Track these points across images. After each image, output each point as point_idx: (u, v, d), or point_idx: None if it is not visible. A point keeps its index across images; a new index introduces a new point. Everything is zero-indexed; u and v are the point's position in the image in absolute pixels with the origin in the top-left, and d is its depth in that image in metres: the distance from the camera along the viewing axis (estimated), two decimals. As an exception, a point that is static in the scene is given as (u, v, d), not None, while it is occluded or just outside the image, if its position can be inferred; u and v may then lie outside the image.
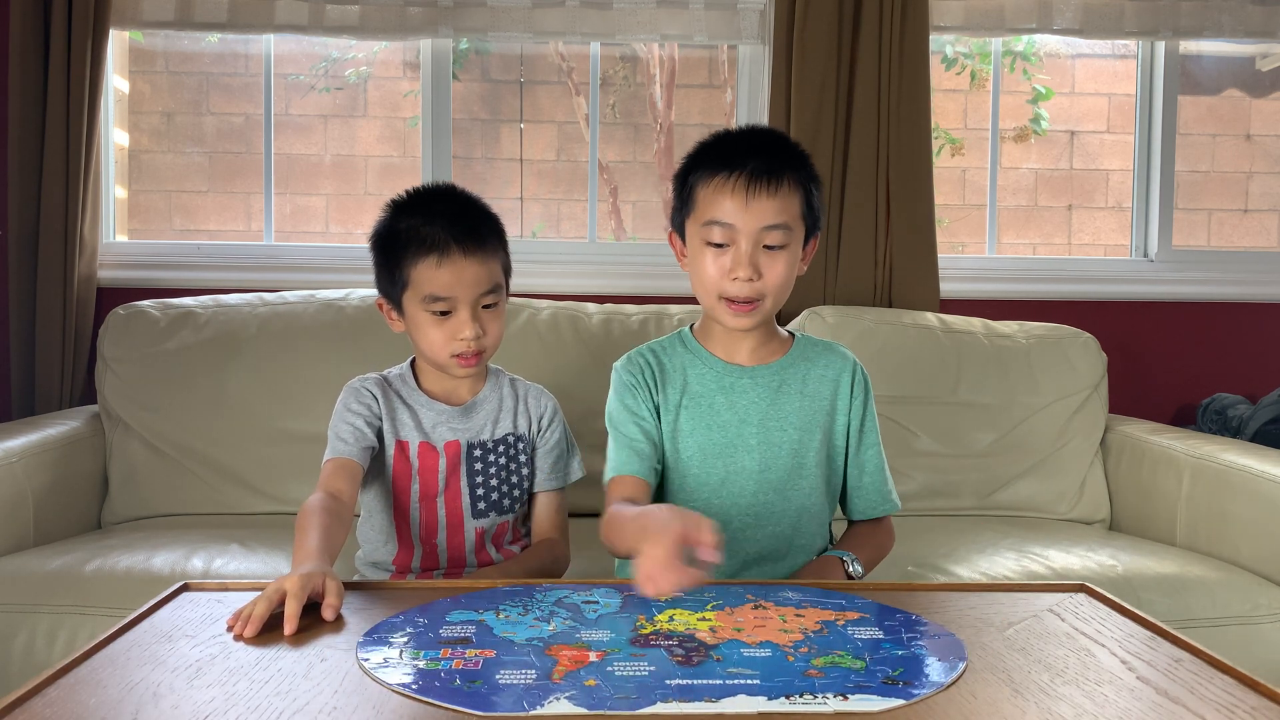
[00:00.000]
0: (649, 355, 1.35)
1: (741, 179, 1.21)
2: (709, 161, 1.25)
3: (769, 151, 1.24)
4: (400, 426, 1.35)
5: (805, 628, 0.92)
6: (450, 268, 1.27)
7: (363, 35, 2.40)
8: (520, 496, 1.40)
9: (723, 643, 0.88)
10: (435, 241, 1.27)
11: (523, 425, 1.41)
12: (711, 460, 1.29)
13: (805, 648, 0.87)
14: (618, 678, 0.80)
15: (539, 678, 0.80)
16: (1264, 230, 2.98)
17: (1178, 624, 1.48)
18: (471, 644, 0.88)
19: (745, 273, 1.21)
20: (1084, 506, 2.13)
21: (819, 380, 1.33)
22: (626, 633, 0.91)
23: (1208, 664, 0.87)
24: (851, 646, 0.88)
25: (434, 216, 1.29)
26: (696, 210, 1.26)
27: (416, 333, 1.32)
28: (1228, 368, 2.57)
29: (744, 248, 1.22)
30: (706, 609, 0.97)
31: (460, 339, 1.29)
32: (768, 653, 0.86)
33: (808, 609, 0.98)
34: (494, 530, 1.37)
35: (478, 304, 1.30)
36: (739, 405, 1.30)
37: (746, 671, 0.82)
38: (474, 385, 1.40)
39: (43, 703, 0.76)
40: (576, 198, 2.88)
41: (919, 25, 2.35)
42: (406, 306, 1.32)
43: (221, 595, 1.02)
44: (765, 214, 1.21)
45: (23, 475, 1.76)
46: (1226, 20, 2.48)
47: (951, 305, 2.44)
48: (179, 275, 2.40)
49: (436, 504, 1.34)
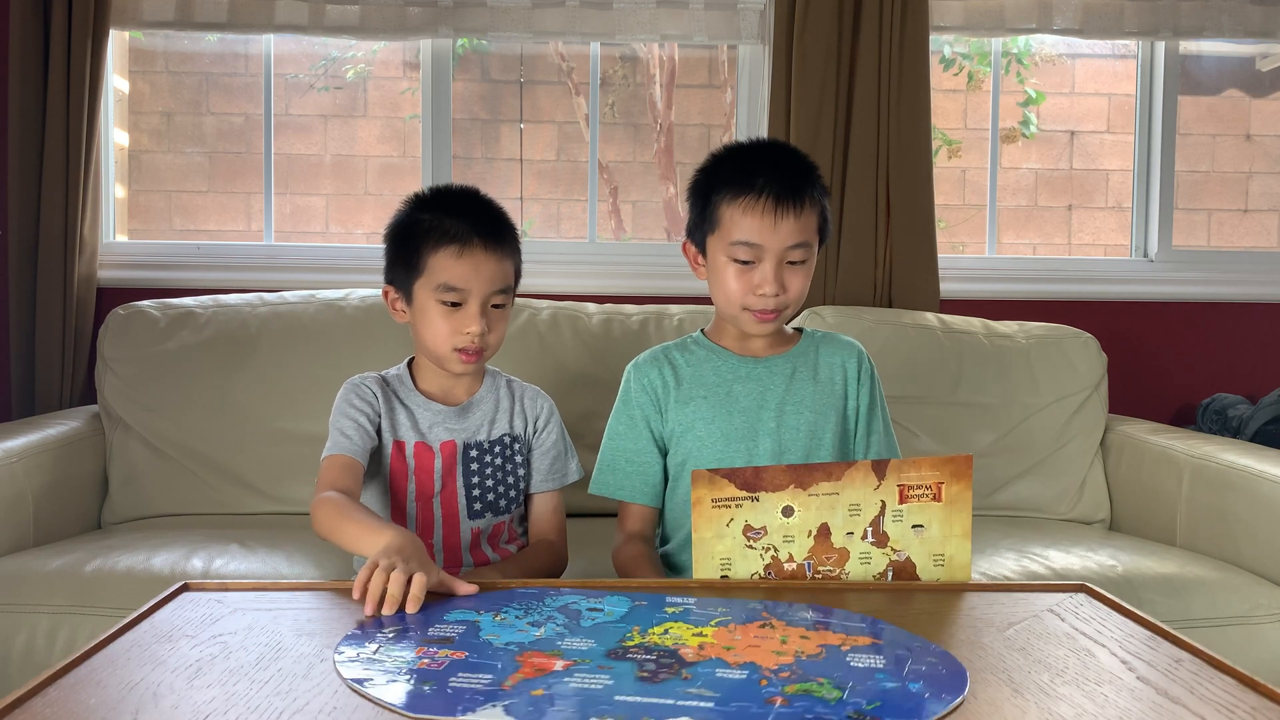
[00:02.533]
0: (662, 357, 1.41)
1: (769, 201, 1.28)
2: (730, 180, 1.31)
3: (789, 169, 1.30)
4: (398, 426, 1.35)
5: (802, 650, 0.87)
6: (470, 259, 1.29)
7: (363, 35, 2.40)
8: (516, 497, 1.40)
9: (702, 660, 0.84)
10: (457, 233, 1.30)
11: (519, 426, 1.41)
12: (734, 445, 1.35)
13: (787, 673, 0.82)
14: (569, 690, 0.78)
15: (490, 684, 0.79)
16: (1264, 230, 2.98)
17: (1178, 624, 1.48)
18: (451, 644, 0.88)
19: (772, 289, 1.29)
20: (1084, 506, 2.13)
21: (829, 367, 1.40)
22: (610, 643, 0.88)
23: (1208, 664, 0.87)
24: (839, 675, 0.82)
25: (456, 211, 1.32)
26: (721, 229, 1.32)
27: (422, 322, 1.33)
28: (1228, 368, 2.57)
29: (770, 266, 1.29)
30: (710, 624, 0.93)
31: (466, 333, 1.30)
32: (743, 675, 0.81)
33: (819, 630, 0.92)
34: (490, 530, 1.37)
35: (488, 301, 1.32)
36: (756, 392, 1.37)
37: (707, 693, 0.78)
38: (471, 385, 1.40)
39: (43, 703, 0.76)
40: (576, 198, 2.88)
41: (919, 25, 2.35)
42: (417, 294, 1.32)
43: (221, 595, 1.02)
44: (791, 234, 1.29)
45: (23, 475, 1.76)
46: (1226, 20, 2.48)
47: (951, 305, 2.44)
48: (179, 275, 2.40)
49: (433, 504, 1.34)
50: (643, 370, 1.41)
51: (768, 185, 1.28)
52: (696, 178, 1.37)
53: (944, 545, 1.11)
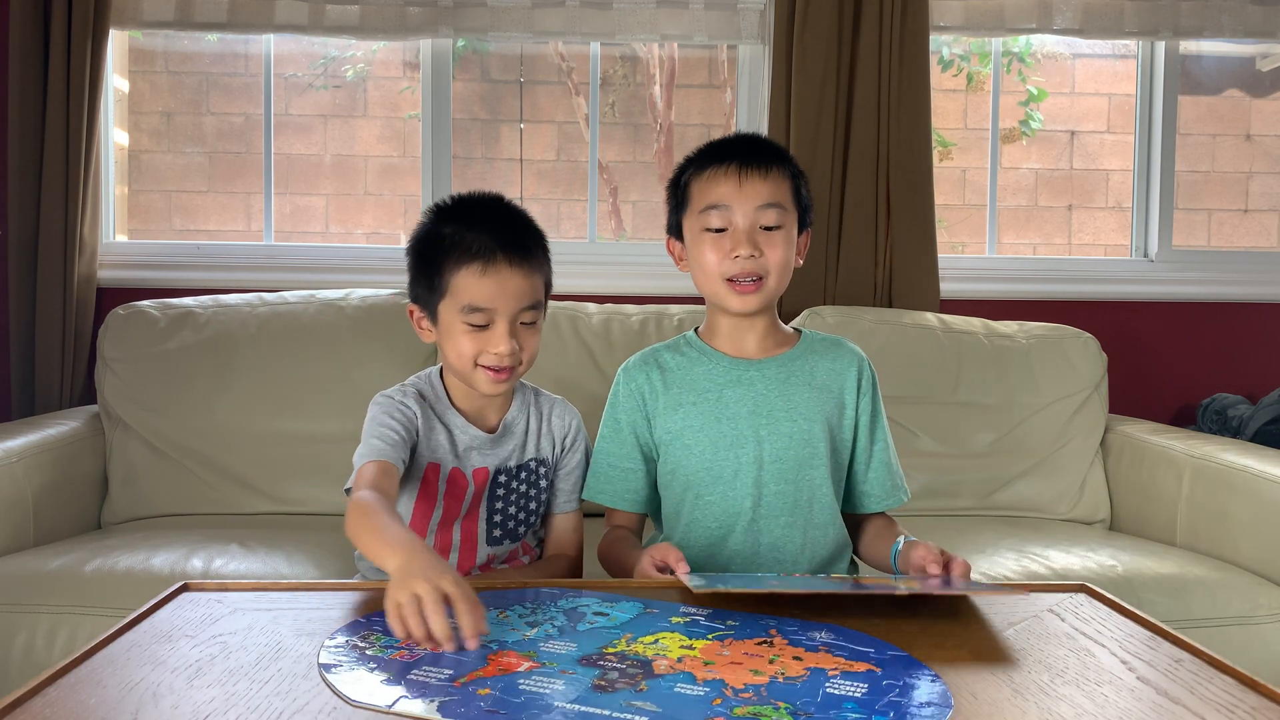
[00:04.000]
0: (651, 360, 1.38)
1: (733, 165, 1.29)
2: (698, 161, 1.34)
3: (755, 144, 1.33)
4: (435, 448, 1.29)
5: (784, 672, 0.83)
6: (494, 278, 1.22)
7: (362, 35, 2.40)
8: (535, 523, 1.38)
9: (669, 674, 0.82)
10: (480, 249, 1.22)
11: (545, 448, 1.36)
12: (724, 452, 1.31)
13: (750, 693, 0.79)
14: (514, 692, 0.78)
15: (445, 680, 0.80)
16: (1264, 230, 2.98)
17: (1178, 624, 1.48)
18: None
19: (746, 249, 1.27)
20: (1084, 507, 2.13)
21: (827, 374, 1.35)
22: (590, 649, 0.87)
23: (1208, 664, 0.87)
24: (803, 701, 0.78)
25: (479, 224, 1.24)
26: (692, 202, 1.32)
27: (447, 341, 1.27)
28: (1228, 368, 2.57)
29: (742, 225, 1.28)
30: (707, 637, 0.91)
31: (494, 353, 1.24)
32: (703, 692, 0.79)
33: (818, 653, 0.88)
34: (504, 556, 1.36)
35: (517, 318, 1.25)
36: (748, 397, 1.32)
37: (648, 708, 0.76)
38: (503, 404, 1.35)
39: (43, 703, 0.76)
40: (576, 198, 2.89)
41: (919, 25, 2.35)
42: (442, 315, 1.26)
43: (221, 595, 1.02)
44: (759, 193, 1.28)
45: (23, 475, 1.76)
46: (1226, 20, 2.48)
47: (951, 305, 2.44)
48: (179, 275, 2.40)
49: (453, 528, 1.31)
50: (631, 375, 1.37)
51: (733, 153, 1.30)
52: (670, 179, 1.38)
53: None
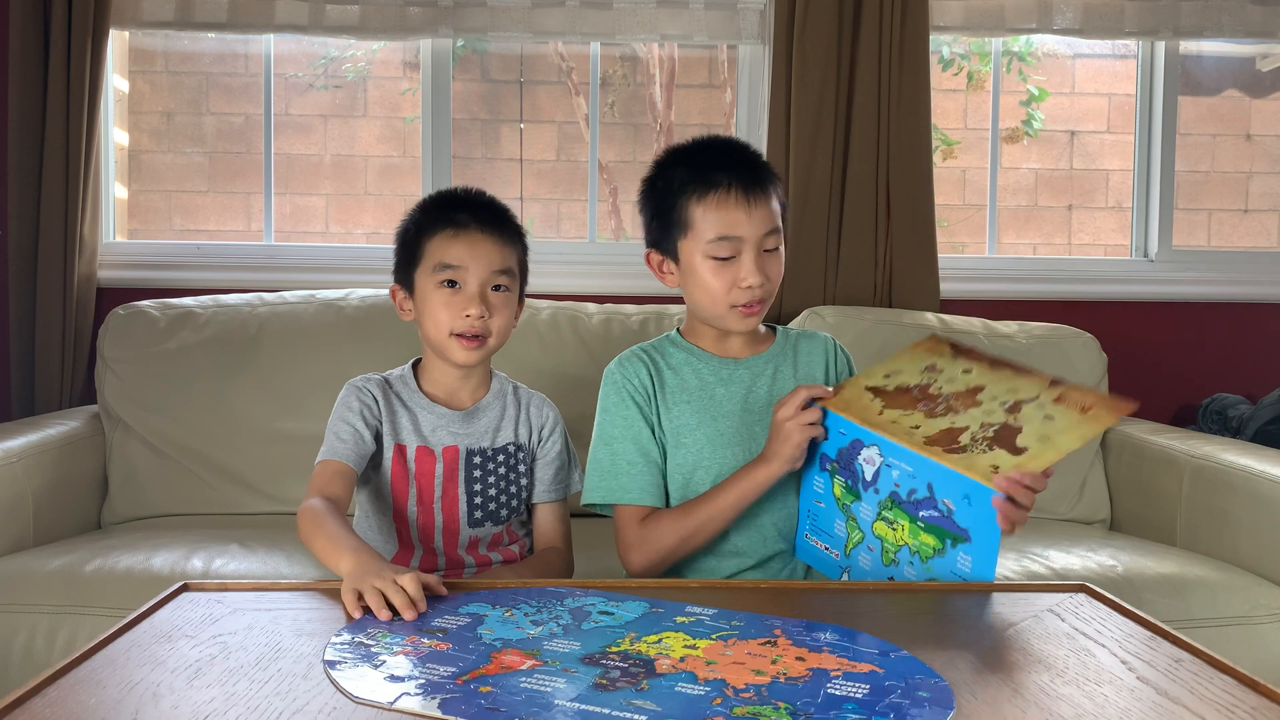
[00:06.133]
0: (644, 357, 1.37)
1: (738, 193, 1.27)
2: (690, 180, 1.29)
3: (745, 161, 1.31)
4: (399, 429, 1.34)
5: (786, 672, 0.83)
6: (466, 239, 1.31)
7: (362, 35, 2.39)
8: (518, 507, 1.39)
9: (671, 674, 0.82)
10: (455, 220, 1.32)
11: (523, 435, 1.40)
12: (723, 450, 1.32)
13: (750, 693, 0.79)
14: (516, 690, 0.78)
15: (448, 677, 0.81)
16: (1264, 230, 2.98)
17: (1178, 624, 1.48)
18: (444, 635, 0.89)
19: (757, 279, 1.27)
20: (1084, 506, 2.12)
21: (808, 363, 1.39)
22: (594, 647, 0.87)
23: (1208, 664, 0.87)
24: (803, 702, 0.77)
25: (459, 206, 1.35)
26: (695, 230, 1.29)
27: (424, 313, 1.33)
28: (1228, 368, 2.57)
29: (751, 257, 1.27)
30: (710, 637, 0.90)
31: (465, 315, 1.29)
32: (703, 692, 0.78)
33: (821, 653, 0.87)
34: (489, 539, 1.37)
35: (488, 283, 1.31)
36: (740, 394, 1.34)
37: (649, 707, 0.76)
38: (476, 390, 1.39)
39: (43, 703, 0.76)
40: (576, 198, 2.89)
41: (919, 25, 2.35)
42: (418, 283, 1.33)
43: (221, 595, 1.02)
44: (765, 221, 1.28)
45: (23, 475, 1.76)
46: (1226, 20, 2.47)
47: (951, 305, 2.44)
48: (179, 275, 2.40)
49: (434, 509, 1.33)
50: (629, 366, 1.35)
51: (732, 179, 1.27)
52: (646, 188, 1.36)
53: (1055, 434, 1.11)
